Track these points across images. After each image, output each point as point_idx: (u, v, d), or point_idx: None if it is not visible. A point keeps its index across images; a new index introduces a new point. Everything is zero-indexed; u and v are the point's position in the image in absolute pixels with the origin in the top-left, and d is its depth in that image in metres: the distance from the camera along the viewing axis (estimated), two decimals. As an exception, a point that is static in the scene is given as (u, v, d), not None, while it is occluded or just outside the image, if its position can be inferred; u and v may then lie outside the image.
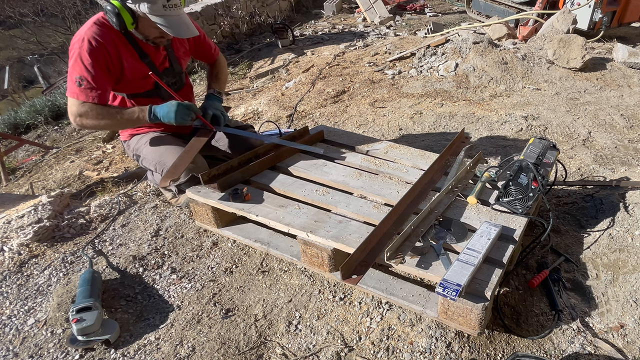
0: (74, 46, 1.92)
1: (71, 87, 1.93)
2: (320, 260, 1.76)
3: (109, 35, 1.94)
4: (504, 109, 3.65)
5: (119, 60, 2.00)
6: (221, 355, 1.62)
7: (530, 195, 1.79)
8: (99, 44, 1.91)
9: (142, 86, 2.14)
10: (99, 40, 1.91)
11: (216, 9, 6.02)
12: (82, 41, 1.89)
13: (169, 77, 2.23)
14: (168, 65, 2.21)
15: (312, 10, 8.21)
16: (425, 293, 1.65)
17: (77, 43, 1.91)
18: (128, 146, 2.33)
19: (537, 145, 2.00)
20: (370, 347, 1.62)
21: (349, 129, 3.45)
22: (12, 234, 2.23)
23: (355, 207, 1.89)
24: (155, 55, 2.13)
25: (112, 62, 1.97)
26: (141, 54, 2.06)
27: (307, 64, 5.05)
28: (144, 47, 2.07)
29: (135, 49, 2.04)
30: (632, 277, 1.81)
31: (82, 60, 1.88)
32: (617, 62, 4.64)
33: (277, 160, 2.26)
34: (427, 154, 2.31)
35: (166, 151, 2.18)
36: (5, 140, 4.21)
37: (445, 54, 4.65)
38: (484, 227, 1.69)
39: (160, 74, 2.15)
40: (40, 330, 1.76)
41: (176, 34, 1.94)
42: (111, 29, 1.95)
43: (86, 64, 1.88)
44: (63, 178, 3.22)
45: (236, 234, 2.01)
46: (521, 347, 1.60)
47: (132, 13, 1.87)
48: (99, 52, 1.90)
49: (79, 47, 1.89)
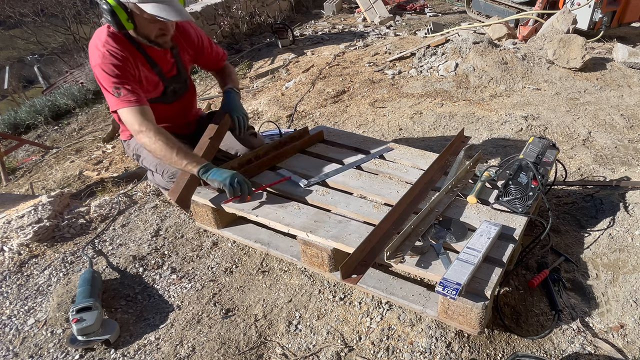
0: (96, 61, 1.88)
1: (112, 100, 1.89)
2: (320, 260, 1.76)
3: (124, 46, 1.93)
4: (504, 109, 3.65)
5: (137, 70, 2.00)
6: (221, 355, 1.62)
7: (530, 195, 1.79)
8: (119, 54, 1.90)
9: (152, 93, 2.15)
10: (119, 52, 1.90)
11: (216, 9, 6.02)
12: (104, 57, 1.87)
13: (176, 83, 2.22)
14: (175, 72, 2.19)
15: (312, 10, 8.21)
16: (425, 292, 1.65)
17: (97, 56, 1.88)
18: (128, 146, 2.33)
19: (537, 144, 2.00)
20: (370, 347, 1.62)
21: (348, 129, 3.45)
22: (12, 234, 2.23)
23: (355, 207, 1.89)
24: (164, 63, 2.12)
25: (134, 71, 1.97)
26: (152, 63, 2.06)
27: (307, 64, 5.05)
28: (152, 55, 2.05)
29: (146, 58, 2.03)
30: (632, 277, 1.81)
31: (108, 72, 1.86)
32: (617, 62, 4.64)
33: (277, 161, 2.26)
34: (426, 153, 2.31)
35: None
36: (5, 140, 4.21)
37: (445, 54, 4.65)
38: (483, 227, 1.69)
39: (168, 80, 2.16)
40: (40, 330, 1.76)
41: (168, 16, 1.84)
42: (122, 40, 1.93)
43: (114, 74, 1.86)
44: (63, 178, 3.22)
45: (236, 234, 2.01)
46: (521, 347, 1.60)
47: (126, 10, 1.84)
48: (122, 62, 1.90)
49: (101, 60, 1.86)
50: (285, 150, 2.30)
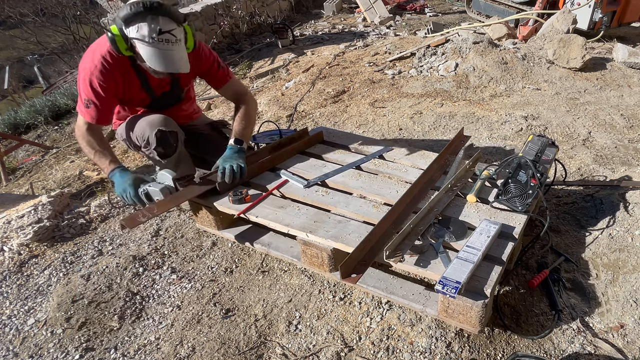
0: (86, 67, 1.93)
1: (79, 105, 1.99)
2: (320, 261, 1.76)
3: (118, 65, 1.95)
4: (504, 109, 3.64)
5: (124, 89, 2.04)
6: (221, 355, 1.62)
7: (530, 193, 1.79)
8: (109, 73, 1.93)
9: (138, 104, 2.20)
10: (110, 70, 1.92)
11: (216, 9, 6.01)
12: (95, 68, 1.90)
13: (166, 98, 2.23)
14: (168, 89, 2.20)
15: (312, 10, 8.21)
16: (425, 292, 1.65)
17: (90, 65, 1.91)
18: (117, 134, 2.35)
19: (536, 142, 2.00)
20: (370, 347, 1.62)
21: (348, 129, 3.45)
22: (12, 234, 2.23)
23: (354, 207, 1.89)
24: (157, 83, 2.13)
25: (119, 90, 2.02)
26: (143, 81, 2.07)
27: (307, 64, 5.05)
28: (148, 75, 2.06)
29: (139, 78, 2.05)
30: (632, 277, 1.81)
31: (92, 85, 1.91)
32: (617, 62, 4.64)
33: (277, 162, 2.26)
34: (426, 153, 2.31)
35: (143, 122, 2.16)
36: (5, 140, 4.21)
37: (445, 54, 4.65)
38: (483, 225, 1.69)
39: (157, 97, 2.18)
40: (40, 330, 1.76)
41: (161, 68, 1.84)
42: (121, 59, 1.95)
43: (95, 90, 1.92)
44: (63, 178, 3.22)
45: (237, 235, 2.02)
46: (521, 347, 1.60)
47: (127, 40, 1.84)
48: (109, 80, 1.94)
49: (90, 72, 1.91)
50: (285, 151, 2.30)
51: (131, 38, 1.81)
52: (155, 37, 1.79)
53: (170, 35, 1.82)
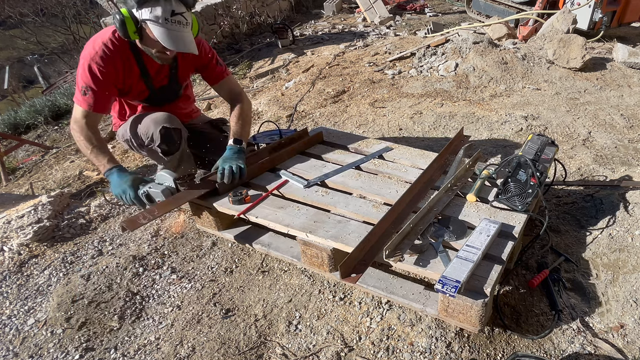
0: (85, 54, 1.94)
1: (77, 95, 1.98)
2: (320, 261, 1.76)
3: (119, 52, 1.97)
4: (504, 109, 3.64)
5: (124, 77, 2.04)
6: (221, 355, 1.62)
7: (529, 192, 1.79)
8: (109, 59, 1.94)
9: (136, 97, 2.20)
10: (110, 57, 1.94)
11: (216, 9, 6.01)
12: (95, 53, 1.92)
13: (164, 93, 2.24)
14: (166, 82, 2.21)
15: (312, 10, 8.21)
16: (425, 291, 1.65)
17: (90, 51, 1.93)
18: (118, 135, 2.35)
19: (536, 141, 2.00)
20: (370, 347, 1.62)
21: (348, 129, 3.45)
22: (12, 234, 2.23)
23: (354, 207, 1.89)
24: (157, 74, 2.14)
25: (119, 78, 2.02)
26: (143, 71, 2.08)
27: (307, 64, 5.05)
28: (148, 65, 2.08)
29: (139, 66, 2.06)
30: (632, 277, 1.81)
31: (91, 69, 1.92)
32: (617, 62, 4.64)
33: (277, 162, 2.26)
34: (426, 153, 2.31)
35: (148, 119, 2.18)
36: (5, 140, 4.21)
37: (445, 54, 4.65)
38: (483, 224, 1.69)
39: (155, 90, 2.18)
40: (40, 330, 1.76)
41: (172, 47, 1.89)
42: (122, 46, 1.97)
43: (93, 74, 1.93)
44: (63, 178, 3.22)
45: (237, 236, 2.02)
46: (521, 347, 1.60)
47: (136, 23, 1.88)
48: (108, 65, 1.94)
49: (90, 57, 1.92)
50: (285, 152, 2.30)
51: (143, 20, 1.85)
52: (168, 18, 1.85)
53: (181, 17, 1.88)
